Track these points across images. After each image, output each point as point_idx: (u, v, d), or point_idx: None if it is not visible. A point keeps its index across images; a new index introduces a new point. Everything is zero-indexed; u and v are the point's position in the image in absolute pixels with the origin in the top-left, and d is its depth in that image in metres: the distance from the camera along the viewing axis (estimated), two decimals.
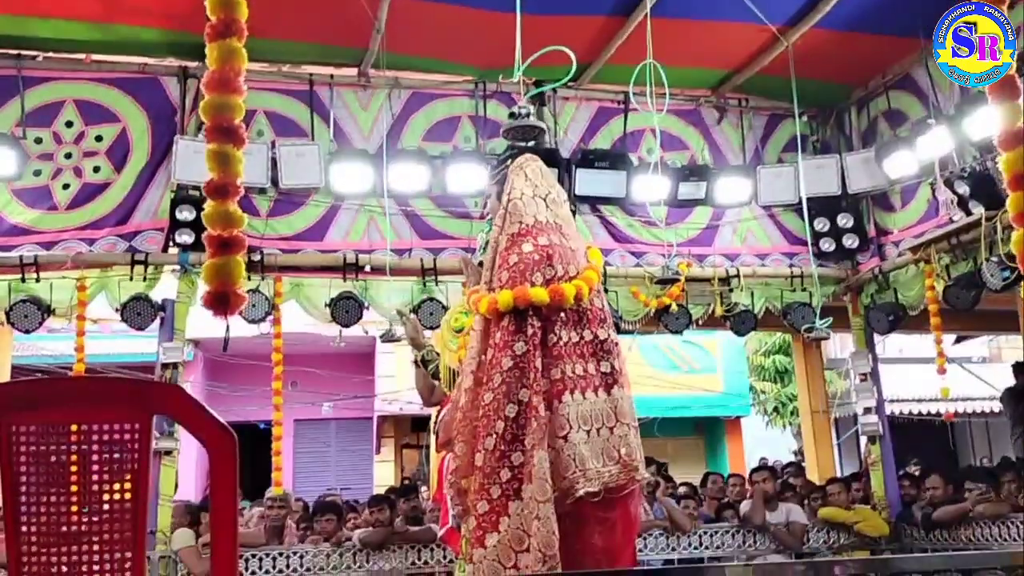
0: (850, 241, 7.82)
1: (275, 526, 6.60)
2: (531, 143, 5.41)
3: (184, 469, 9.61)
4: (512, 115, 4.38)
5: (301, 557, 6.48)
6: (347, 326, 7.13)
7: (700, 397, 14.17)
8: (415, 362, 4.34)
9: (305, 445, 14.20)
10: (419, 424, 13.84)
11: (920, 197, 7.49)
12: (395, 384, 13.05)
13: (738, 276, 7.79)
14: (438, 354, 4.10)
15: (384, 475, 13.79)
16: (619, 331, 7.61)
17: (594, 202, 7.61)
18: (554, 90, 7.30)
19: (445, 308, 6.69)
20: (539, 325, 2.75)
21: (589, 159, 7.29)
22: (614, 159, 7.35)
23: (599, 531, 2.72)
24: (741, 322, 7.78)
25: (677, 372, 14.18)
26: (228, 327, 6.11)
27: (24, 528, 1.90)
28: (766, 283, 7.94)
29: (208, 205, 3.07)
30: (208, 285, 2.98)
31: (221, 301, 2.99)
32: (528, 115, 4.34)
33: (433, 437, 4.95)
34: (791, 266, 7.99)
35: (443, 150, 7.28)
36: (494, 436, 2.66)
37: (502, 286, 2.81)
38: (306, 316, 7.55)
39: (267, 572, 6.36)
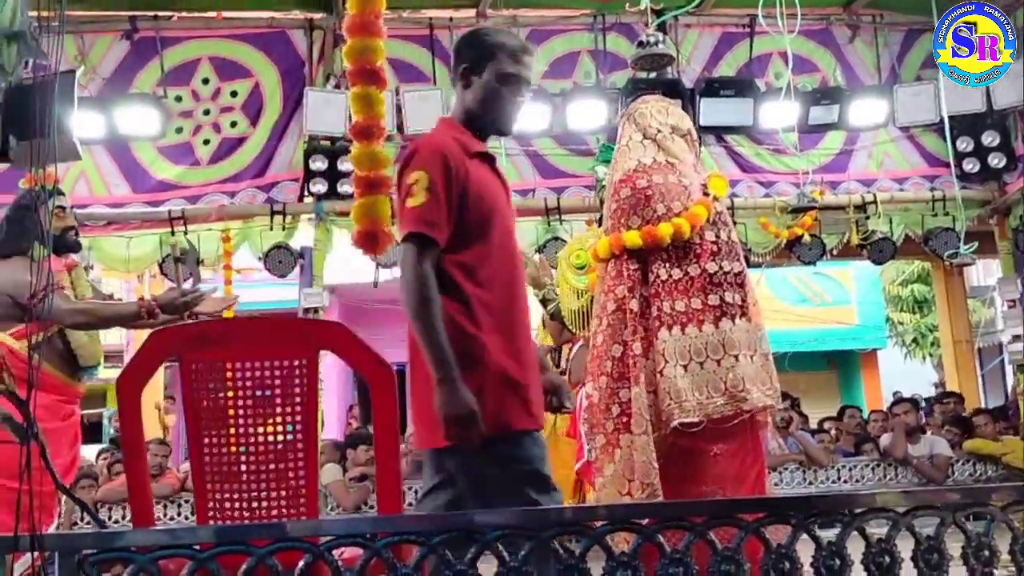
0: (996, 160, 7.39)
1: (416, 461, 6.85)
2: (658, 72, 5.30)
3: (327, 409, 10.07)
4: (640, 44, 4.31)
5: None
6: None
7: (833, 330, 13.78)
8: (540, 302, 4.38)
9: None
10: None
11: None
12: None
13: (875, 202, 7.48)
14: (558, 294, 4.13)
15: None
16: (747, 265, 7.49)
17: (719, 132, 7.42)
18: (676, 18, 7.09)
19: None
20: (635, 268, 2.84)
21: (714, 88, 7.07)
22: (740, 86, 7.12)
23: (717, 462, 2.77)
24: (879, 250, 7.50)
25: (808, 305, 13.81)
26: (378, 265, 6.33)
27: (207, 460, 2.05)
28: (905, 208, 7.60)
29: (354, 147, 3.16)
30: (357, 224, 3.10)
31: (370, 240, 3.10)
32: (656, 43, 4.26)
33: (566, 376, 5.03)
34: (932, 189, 7.61)
35: (563, 87, 7.23)
36: (605, 375, 2.85)
37: (607, 233, 2.95)
38: None
39: (410, 504, 6.61)
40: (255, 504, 2.02)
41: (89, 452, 7.75)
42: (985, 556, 1.82)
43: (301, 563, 1.70)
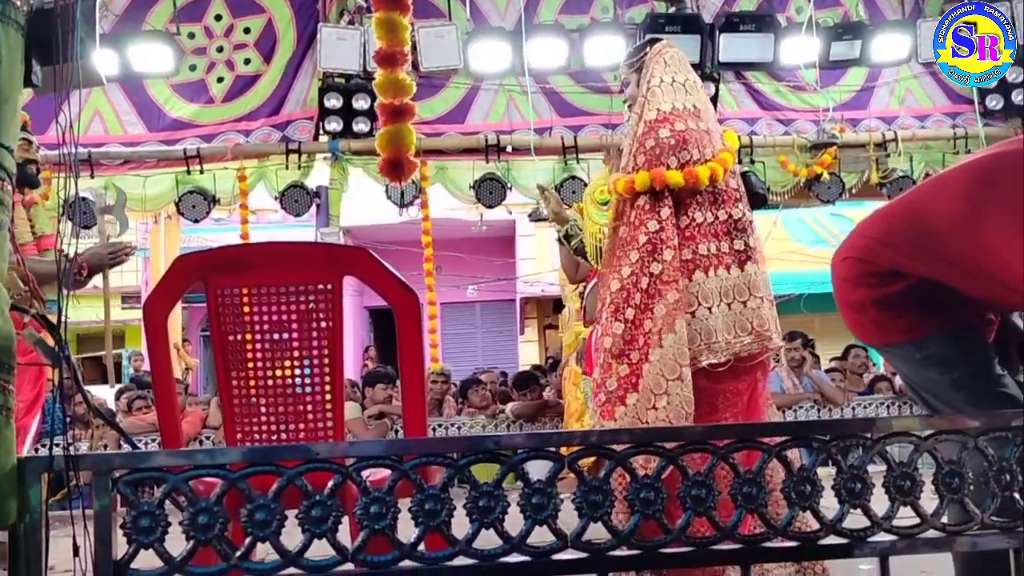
0: (1020, 97, 7.28)
1: (436, 399, 6.93)
2: (677, 6, 5.21)
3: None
4: None
5: (459, 428, 6.80)
6: (491, 207, 7.25)
7: None
8: (559, 239, 4.38)
9: (452, 327, 14.63)
10: (561, 306, 14.00)
11: None
12: (536, 266, 13.21)
13: (896, 140, 7.39)
14: (581, 229, 4.13)
15: (529, 355, 14.13)
16: (766, 205, 7.44)
17: (739, 68, 7.32)
18: None
19: (587, 185, 6.68)
20: (669, 208, 2.88)
21: (733, 23, 6.96)
22: (760, 21, 7.00)
23: (729, 402, 2.87)
24: (899, 189, 7.39)
25: (824, 247, 13.69)
26: (403, 195, 6.31)
27: (234, 384, 2.07)
28: (926, 146, 7.51)
29: (379, 74, 3.14)
30: (382, 152, 3.08)
31: (395, 167, 3.08)
32: None
33: (582, 312, 5.05)
34: (954, 127, 7.51)
35: (580, 23, 7.12)
36: (633, 307, 2.87)
37: (637, 168, 2.93)
38: (447, 201, 7.70)
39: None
40: (283, 430, 2.05)
41: (107, 392, 7.85)
42: (1006, 480, 1.83)
43: (330, 483, 1.72)
